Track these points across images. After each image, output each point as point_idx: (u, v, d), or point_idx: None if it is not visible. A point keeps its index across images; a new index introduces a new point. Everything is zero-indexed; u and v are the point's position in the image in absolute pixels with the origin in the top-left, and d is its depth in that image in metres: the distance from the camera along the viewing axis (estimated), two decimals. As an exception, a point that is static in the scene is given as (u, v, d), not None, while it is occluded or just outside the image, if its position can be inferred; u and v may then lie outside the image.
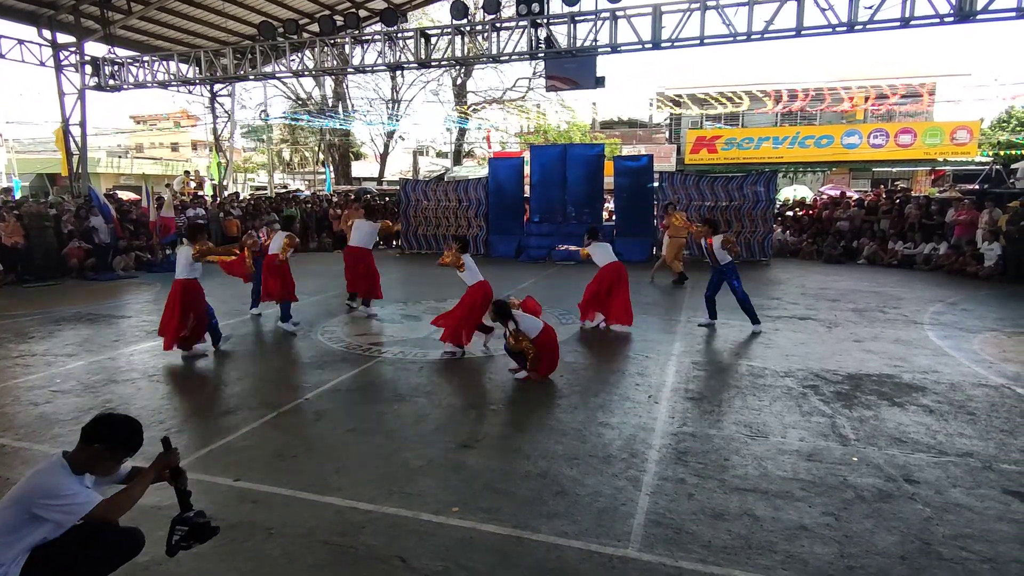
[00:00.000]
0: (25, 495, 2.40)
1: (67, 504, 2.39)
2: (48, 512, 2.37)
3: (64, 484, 2.43)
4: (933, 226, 13.84)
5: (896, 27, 11.00)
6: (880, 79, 26.47)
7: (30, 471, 2.51)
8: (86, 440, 2.52)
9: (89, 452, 2.52)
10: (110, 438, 2.54)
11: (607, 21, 12.39)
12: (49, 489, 2.40)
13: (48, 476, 2.44)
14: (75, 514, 2.40)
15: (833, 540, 3.14)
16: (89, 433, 2.53)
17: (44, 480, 2.43)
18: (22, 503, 2.39)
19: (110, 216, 13.86)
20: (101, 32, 16.74)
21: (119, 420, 2.62)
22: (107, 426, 2.56)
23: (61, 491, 2.40)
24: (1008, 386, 5.53)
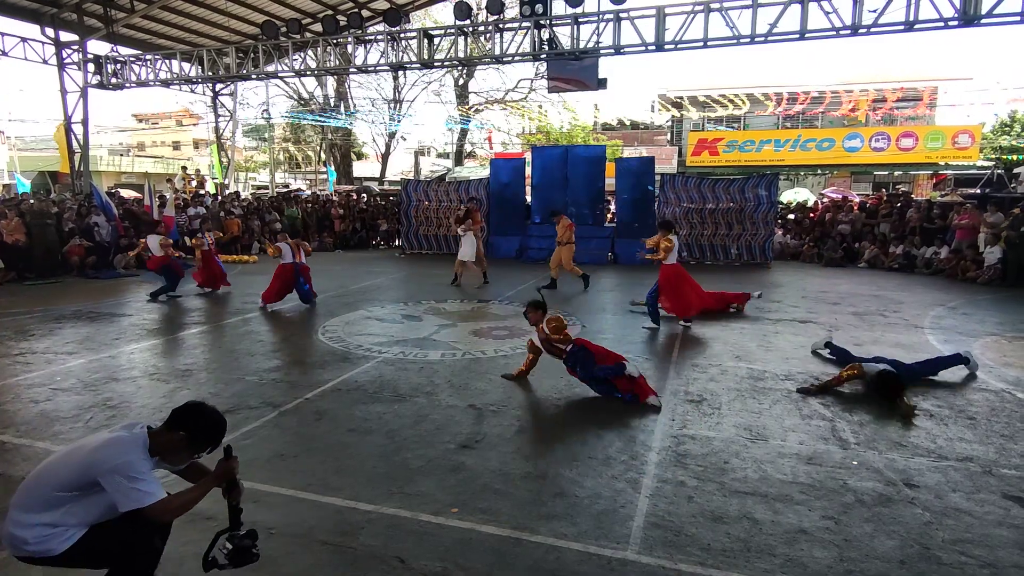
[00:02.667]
0: (95, 460, 2.29)
1: (134, 489, 2.27)
2: (112, 487, 2.26)
3: (138, 465, 2.32)
4: (934, 230, 13.84)
5: (900, 30, 11.02)
6: (882, 82, 26.48)
7: (108, 434, 2.41)
8: (171, 425, 2.44)
9: (170, 437, 2.43)
10: (196, 429, 2.46)
11: (610, 22, 12.42)
12: (122, 464, 2.28)
13: (126, 449, 2.33)
14: (137, 502, 2.28)
15: (832, 544, 3.14)
16: (178, 419, 2.45)
17: (120, 452, 2.32)
18: (88, 466, 2.30)
19: (112, 214, 13.87)
20: (104, 30, 16.78)
21: (210, 413, 2.53)
22: (197, 416, 2.48)
23: (133, 471, 2.29)
24: (1008, 391, 5.52)
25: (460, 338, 7.54)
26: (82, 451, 2.36)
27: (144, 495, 2.28)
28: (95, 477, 2.28)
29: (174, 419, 2.45)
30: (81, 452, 2.36)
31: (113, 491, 2.26)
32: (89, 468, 2.29)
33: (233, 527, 2.51)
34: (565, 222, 10.83)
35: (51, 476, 2.36)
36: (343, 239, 18.99)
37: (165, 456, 2.46)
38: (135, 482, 2.27)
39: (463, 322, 8.48)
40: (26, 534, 2.31)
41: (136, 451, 2.35)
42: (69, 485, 2.32)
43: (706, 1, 11.72)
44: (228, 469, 2.50)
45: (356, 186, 30.56)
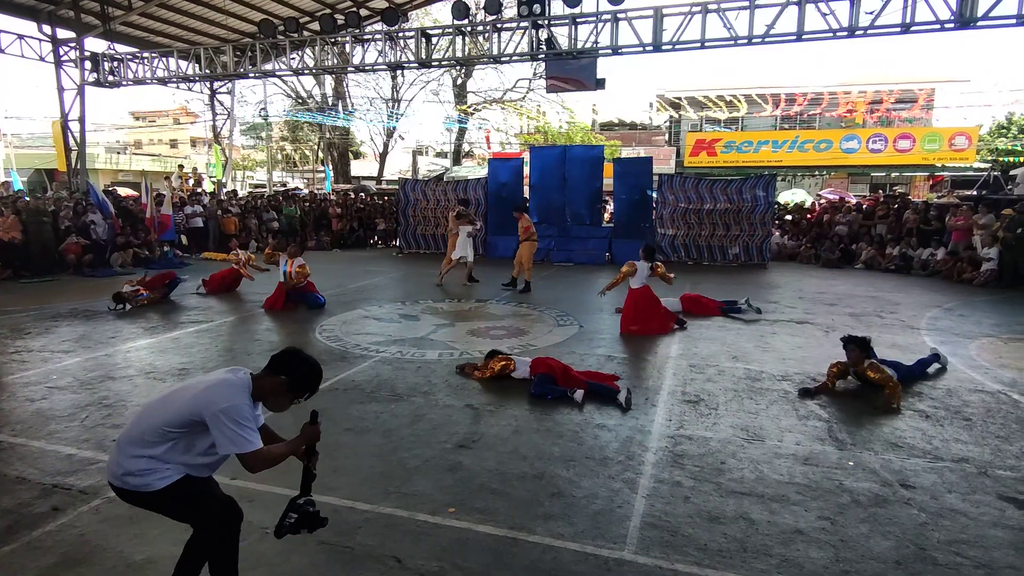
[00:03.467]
0: (206, 400, 2.33)
1: (237, 434, 2.31)
2: (216, 427, 2.30)
3: (245, 410, 2.36)
4: (930, 231, 13.87)
5: (897, 32, 11.06)
6: (879, 84, 26.55)
7: (217, 376, 2.45)
8: (273, 370, 2.49)
9: (272, 382, 2.48)
10: (297, 374, 2.51)
11: (608, 23, 12.42)
12: (231, 407, 2.32)
13: (235, 392, 2.38)
14: (237, 447, 2.32)
15: (828, 544, 3.15)
16: (279, 363, 2.50)
17: (229, 394, 2.36)
18: (197, 404, 2.33)
19: (108, 212, 13.84)
20: (101, 28, 16.72)
21: (309, 359, 2.59)
22: (297, 362, 2.53)
23: (239, 415, 2.33)
24: (1004, 392, 5.54)
25: (457, 338, 7.54)
26: (192, 390, 2.40)
27: (245, 441, 2.32)
28: (202, 416, 2.32)
29: (275, 364, 2.50)
30: (191, 391, 2.40)
31: (217, 432, 2.30)
32: (198, 407, 2.33)
33: (304, 492, 2.54)
34: (524, 222, 10.69)
35: (161, 411, 2.41)
36: (341, 238, 18.96)
37: (267, 400, 2.52)
38: (239, 427, 2.31)
39: (460, 322, 8.48)
40: (130, 465, 2.37)
41: (243, 395, 2.39)
42: (176, 422, 2.36)
43: (704, 2, 11.73)
44: (314, 432, 2.55)
45: (354, 185, 30.52)
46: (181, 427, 2.37)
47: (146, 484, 2.38)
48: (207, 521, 2.51)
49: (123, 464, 2.39)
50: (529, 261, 10.55)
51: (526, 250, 10.55)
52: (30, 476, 3.84)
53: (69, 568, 2.95)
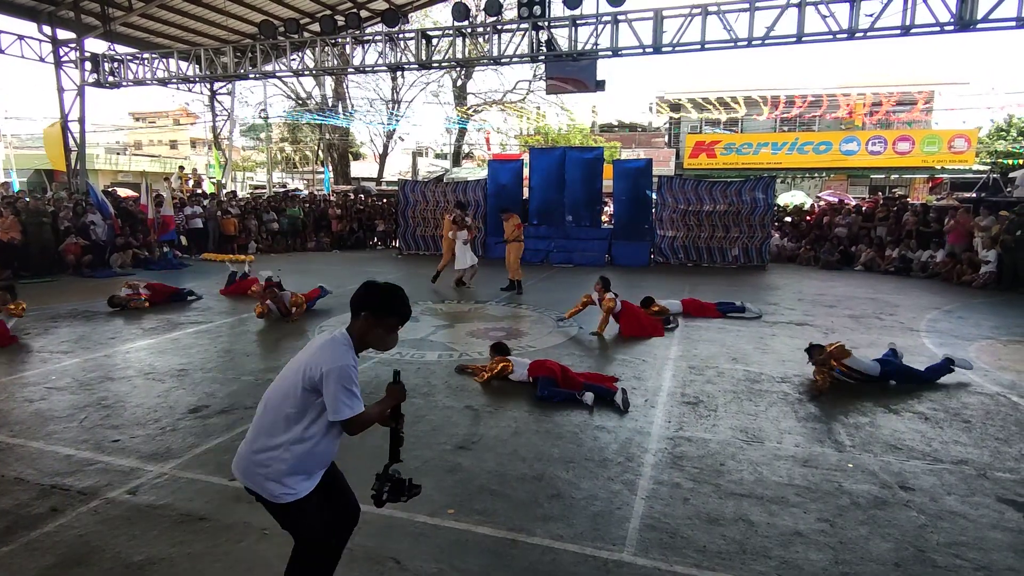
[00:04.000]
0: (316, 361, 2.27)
1: (345, 398, 2.25)
2: (328, 389, 2.23)
3: (352, 372, 2.29)
4: (930, 233, 13.88)
5: (897, 35, 11.06)
6: (879, 86, 26.58)
7: (319, 340, 2.38)
8: (355, 313, 2.42)
9: (361, 325, 2.40)
10: (375, 304, 2.42)
11: (608, 25, 12.43)
12: (342, 368, 2.25)
13: (343, 352, 2.31)
14: (349, 409, 2.25)
15: (828, 546, 3.15)
16: (356, 304, 2.42)
17: (338, 354, 2.29)
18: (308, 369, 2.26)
19: (108, 212, 13.84)
20: (101, 29, 16.73)
21: (379, 285, 2.48)
22: (369, 293, 2.44)
23: (348, 378, 2.26)
24: (1003, 394, 5.54)
25: (457, 339, 7.53)
26: (300, 361, 2.34)
27: (346, 407, 2.25)
28: (313, 381, 2.26)
29: (354, 307, 2.42)
30: (300, 362, 2.33)
31: (328, 394, 2.24)
32: (310, 372, 2.27)
33: (393, 459, 2.50)
34: (515, 220, 10.59)
35: (279, 395, 2.35)
36: (340, 239, 18.97)
37: (369, 344, 2.45)
38: (344, 391, 2.25)
39: (460, 323, 8.48)
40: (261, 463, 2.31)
41: (348, 353, 2.33)
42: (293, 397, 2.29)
43: (704, 4, 11.74)
44: (399, 391, 2.47)
45: (354, 186, 30.52)
46: (299, 404, 2.30)
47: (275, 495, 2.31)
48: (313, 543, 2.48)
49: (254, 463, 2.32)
50: (516, 262, 10.49)
51: (512, 251, 10.52)
52: (29, 477, 3.83)
53: (67, 569, 2.94)
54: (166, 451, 4.21)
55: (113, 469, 3.94)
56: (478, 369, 5.92)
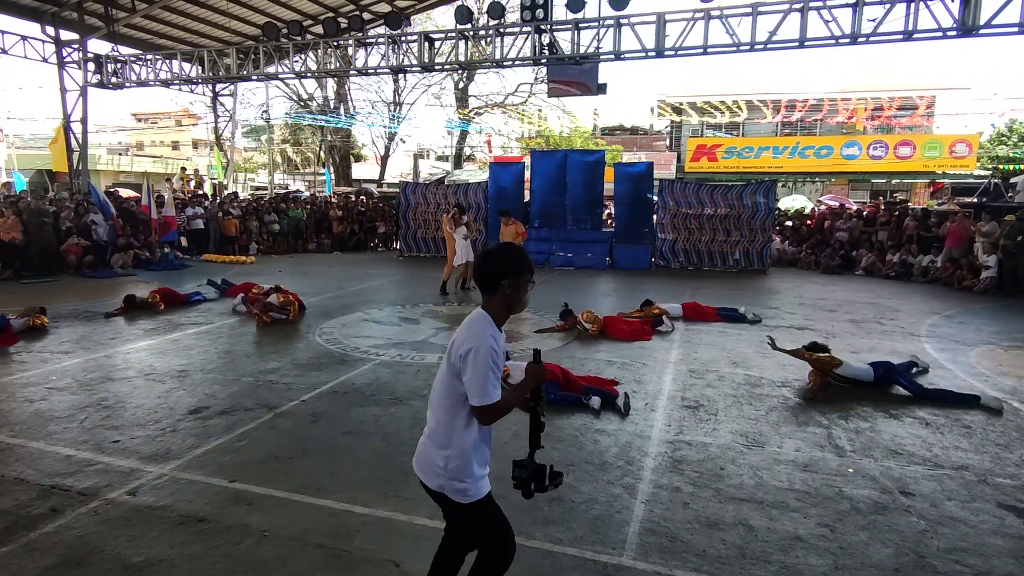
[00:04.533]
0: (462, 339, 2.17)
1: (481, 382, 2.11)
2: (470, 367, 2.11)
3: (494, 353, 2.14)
4: (931, 238, 13.88)
5: (899, 40, 11.07)
6: (880, 91, 26.60)
7: (465, 321, 2.28)
8: (491, 286, 2.27)
9: (499, 297, 2.27)
10: (512, 269, 2.27)
11: (611, 28, 12.45)
12: (487, 347, 2.12)
13: (485, 328, 2.19)
14: (487, 396, 2.12)
15: (828, 551, 3.14)
16: (491, 276, 2.26)
17: (481, 331, 2.17)
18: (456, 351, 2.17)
19: (109, 213, 13.86)
20: (105, 29, 16.78)
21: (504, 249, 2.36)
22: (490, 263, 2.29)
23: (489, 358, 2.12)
24: (1004, 400, 5.53)
25: (457, 341, 7.52)
26: (454, 345, 2.23)
27: (484, 393, 2.12)
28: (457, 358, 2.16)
29: (488, 280, 2.27)
30: (455, 346, 2.22)
31: (470, 372, 2.12)
32: (457, 354, 2.17)
33: (535, 446, 2.37)
34: (518, 228, 10.36)
35: (438, 385, 2.27)
36: (341, 241, 18.98)
37: (513, 310, 2.34)
38: (484, 373, 2.12)
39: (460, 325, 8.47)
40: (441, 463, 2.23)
41: (490, 329, 2.21)
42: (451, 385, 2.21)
43: (706, 8, 11.75)
44: (539, 371, 2.31)
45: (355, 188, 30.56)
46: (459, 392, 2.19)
47: (462, 492, 2.23)
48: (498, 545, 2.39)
49: (433, 462, 2.25)
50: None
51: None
52: (28, 477, 3.83)
53: (67, 569, 2.94)
54: (166, 452, 4.21)
55: (113, 470, 3.94)
56: None
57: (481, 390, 2.12)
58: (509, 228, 10.40)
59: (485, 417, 2.20)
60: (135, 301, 8.84)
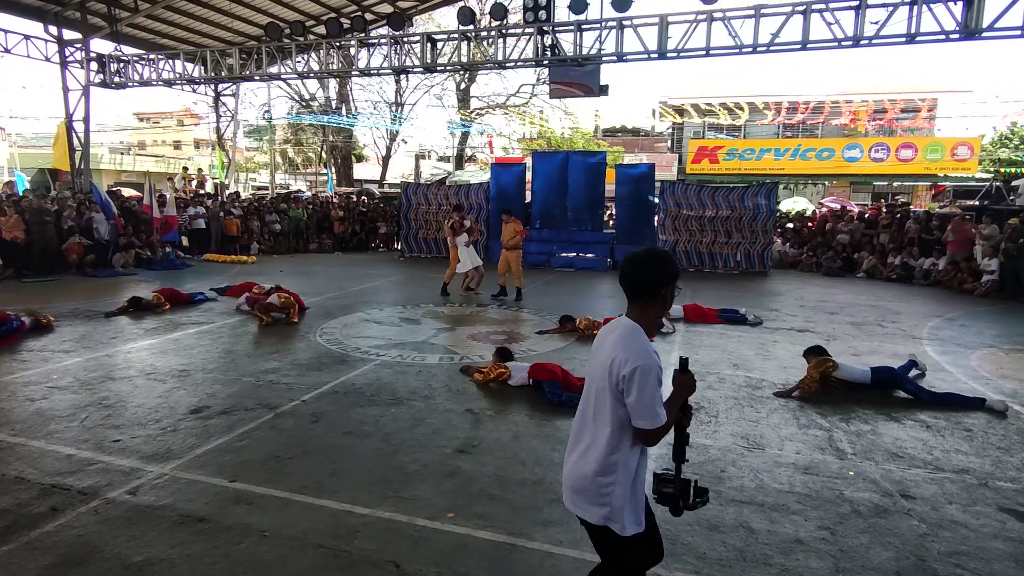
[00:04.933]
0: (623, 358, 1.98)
1: (650, 403, 1.95)
2: (634, 389, 1.94)
3: (658, 369, 1.97)
4: (932, 241, 13.87)
5: (902, 43, 11.07)
6: (882, 93, 26.58)
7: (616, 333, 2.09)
8: (645, 292, 2.07)
9: (655, 304, 2.08)
10: (671, 275, 2.08)
11: (613, 30, 12.45)
12: (651, 365, 1.95)
13: (645, 344, 2.00)
14: (655, 417, 1.96)
15: (828, 554, 3.14)
16: (650, 282, 2.06)
17: (643, 347, 1.98)
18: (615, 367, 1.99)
19: (111, 212, 13.87)
20: (108, 29, 16.81)
21: (663, 253, 2.14)
22: (660, 264, 2.08)
23: (656, 375, 1.95)
24: (1005, 403, 5.52)
25: (458, 342, 7.53)
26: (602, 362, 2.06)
27: (662, 414, 1.97)
28: (617, 381, 1.98)
29: (645, 286, 2.07)
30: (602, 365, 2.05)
31: (636, 393, 1.95)
32: (615, 372, 1.99)
33: (680, 459, 2.20)
34: (516, 226, 10.23)
35: (591, 407, 2.10)
36: (342, 241, 19.00)
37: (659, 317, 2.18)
38: (658, 395, 1.96)
39: (461, 326, 8.48)
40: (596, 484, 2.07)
41: (647, 343, 2.03)
42: (611, 407, 2.03)
43: (709, 10, 11.75)
44: (689, 382, 2.13)
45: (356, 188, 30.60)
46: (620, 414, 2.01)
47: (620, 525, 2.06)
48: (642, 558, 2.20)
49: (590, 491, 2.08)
50: (518, 269, 10.26)
51: (514, 258, 10.23)
52: (29, 476, 3.84)
53: (67, 569, 2.94)
54: (167, 452, 4.21)
55: (113, 469, 3.94)
56: (477, 369, 5.93)
57: (652, 412, 1.96)
58: (508, 227, 10.34)
59: (653, 439, 2.04)
60: (140, 302, 8.83)
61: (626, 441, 2.04)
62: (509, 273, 10.35)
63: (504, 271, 10.34)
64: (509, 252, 10.24)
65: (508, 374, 5.71)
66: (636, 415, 1.97)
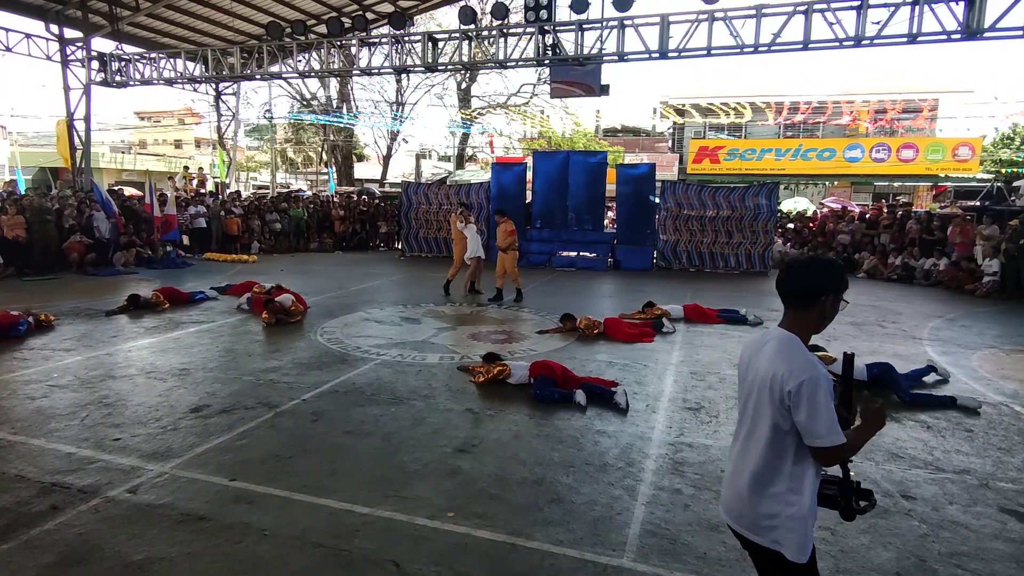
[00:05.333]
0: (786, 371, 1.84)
1: (829, 421, 1.80)
2: (805, 407, 1.80)
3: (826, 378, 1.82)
4: (933, 241, 13.86)
5: (903, 43, 11.06)
6: (883, 94, 26.57)
7: (771, 344, 1.95)
8: (805, 300, 1.93)
9: (814, 313, 1.93)
10: (837, 283, 1.93)
11: (614, 30, 12.44)
12: (818, 378, 1.80)
13: (812, 357, 1.86)
14: (835, 436, 1.81)
15: (829, 555, 3.13)
16: (811, 289, 1.92)
17: (809, 360, 1.84)
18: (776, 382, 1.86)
19: (112, 211, 13.87)
20: (109, 28, 16.81)
21: (830, 260, 2.07)
22: (826, 271, 1.95)
23: (828, 388, 1.80)
24: (1006, 404, 5.52)
25: (458, 341, 7.53)
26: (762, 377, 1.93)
27: (836, 431, 1.81)
28: (787, 395, 1.84)
29: (803, 294, 1.94)
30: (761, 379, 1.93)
31: (806, 410, 1.80)
32: (778, 386, 1.86)
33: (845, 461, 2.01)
34: (508, 227, 10.05)
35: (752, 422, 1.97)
36: (343, 240, 19.00)
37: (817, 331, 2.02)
38: (829, 412, 1.80)
39: (461, 326, 8.48)
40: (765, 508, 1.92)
41: (811, 355, 1.88)
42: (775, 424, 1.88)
43: (710, 10, 11.75)
44: (882, 413, 2.00)
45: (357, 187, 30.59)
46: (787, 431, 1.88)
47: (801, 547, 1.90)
48: None
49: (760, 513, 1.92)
50: (514, 271, 10.13)
51: (510, 260, 10.08)
52: (29, 474, 3.84)
53: (67, 567, 2.94)
54: (167, 450, 4.22)
55: (114, 468, 3.95)
56: (476, 369, 5.93)
57: (827, 429, 1.81)
58: (500, 228, 10.18)
59: (830, 458, 1.90)
60: (139, 300, 8.84)
61: (790, 460, 1.91)
62: (507, 276, 10.23)
63: (501, 274, 10.19)
64: (504, 254, 10.08)
65: (508, 371, 5.71)
66: (809, 434, 1.82)
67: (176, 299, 9.33)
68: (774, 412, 1.88)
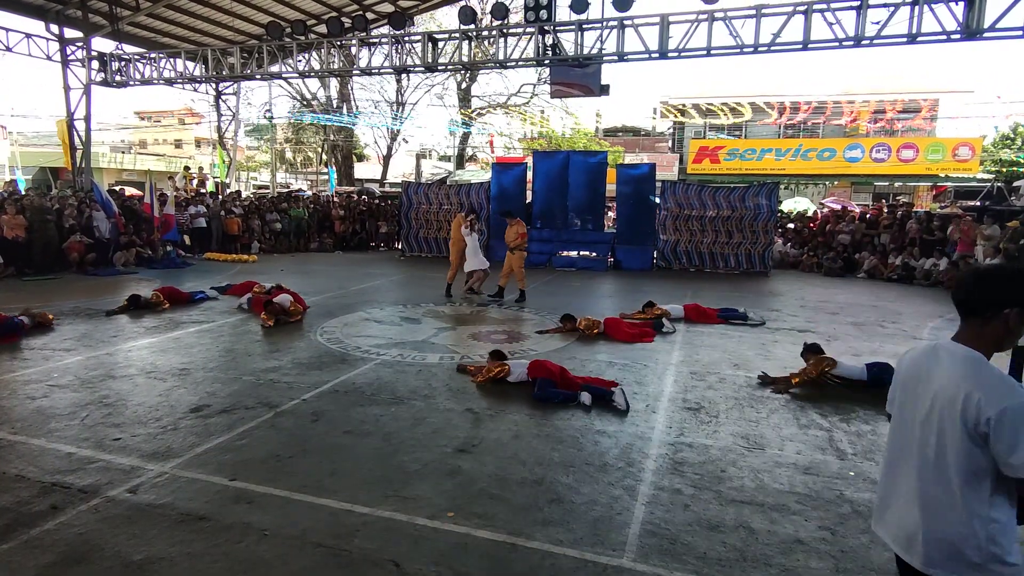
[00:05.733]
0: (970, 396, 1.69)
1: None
2: (1005, 438, 1.63)
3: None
4: (933, 241, 13.86)
5: (903, 43, 11.06)
6: (883, 94, 26.57)
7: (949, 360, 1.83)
8: (986, 309, 1.77)
9: (999, 329, 1.78)
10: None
11: (614, 30, 12.44)
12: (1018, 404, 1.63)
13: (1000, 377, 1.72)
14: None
15: (829, 555, 3.13)
16: (996, 297, 1.75)
17: (1007, 382, 1.70)
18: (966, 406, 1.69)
19: (112, 211, 13.87)
20: (109, 28, 16.81)
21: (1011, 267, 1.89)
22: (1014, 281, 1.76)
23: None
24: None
25: (458, 341, 7.53)
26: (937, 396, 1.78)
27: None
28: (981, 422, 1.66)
29: (986, 302, 1.79)
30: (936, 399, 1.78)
31: (1007, 441, 1.63)
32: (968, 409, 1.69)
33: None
34: (519, 228, 10.11)
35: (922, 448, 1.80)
36: (343, 240, 19.00)
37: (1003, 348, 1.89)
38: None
39: (462, 325, 8.48)
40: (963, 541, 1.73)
41: (1005, 375, 1.75)
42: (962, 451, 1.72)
43: (710, 10, 11.75)
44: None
45: (357, 187, 30.59)
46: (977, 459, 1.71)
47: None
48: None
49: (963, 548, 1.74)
50: (520, 271, 10.15)
51: (517, 260, 10.10)
52: (29, 474, 3.84)
53: (67, 567, 2.94)
54: (167, 450, 4.22)
55: (114, 467, 3.95)
56: (476, 369, 5.94)
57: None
58: (511, 229, 10.25)
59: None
60: (139, 300, 8.84)
61: (986, 490, 1.72)
62: (511, 275, 10.25)
63: (507, 272, 10.23)
64: (512, 254, 10.13)
65: (508, 370, 5.72)
66: (1014, 466, 1.64)
67: (176, 299, 9.33)
68: (964, 439, 1.71)
